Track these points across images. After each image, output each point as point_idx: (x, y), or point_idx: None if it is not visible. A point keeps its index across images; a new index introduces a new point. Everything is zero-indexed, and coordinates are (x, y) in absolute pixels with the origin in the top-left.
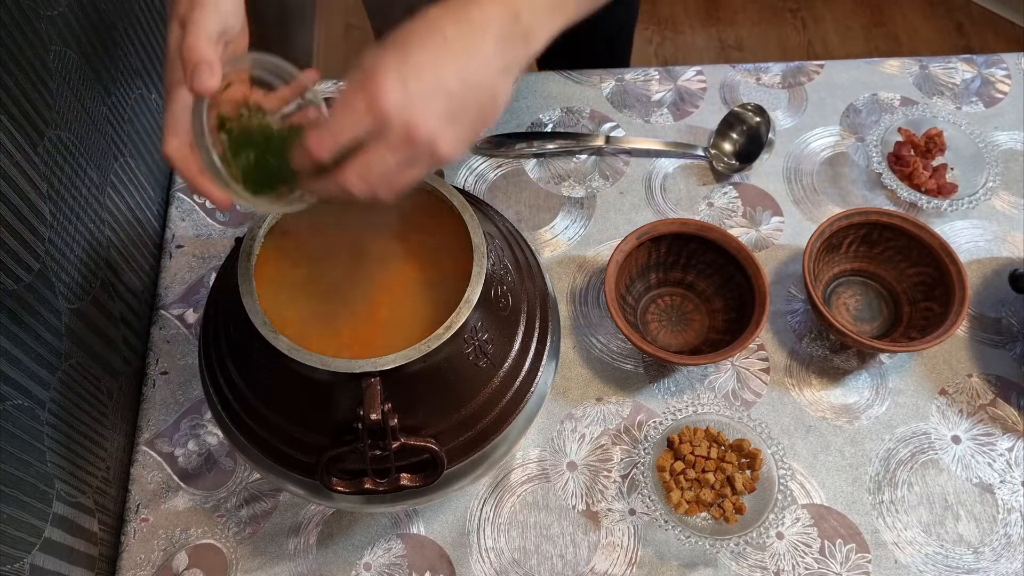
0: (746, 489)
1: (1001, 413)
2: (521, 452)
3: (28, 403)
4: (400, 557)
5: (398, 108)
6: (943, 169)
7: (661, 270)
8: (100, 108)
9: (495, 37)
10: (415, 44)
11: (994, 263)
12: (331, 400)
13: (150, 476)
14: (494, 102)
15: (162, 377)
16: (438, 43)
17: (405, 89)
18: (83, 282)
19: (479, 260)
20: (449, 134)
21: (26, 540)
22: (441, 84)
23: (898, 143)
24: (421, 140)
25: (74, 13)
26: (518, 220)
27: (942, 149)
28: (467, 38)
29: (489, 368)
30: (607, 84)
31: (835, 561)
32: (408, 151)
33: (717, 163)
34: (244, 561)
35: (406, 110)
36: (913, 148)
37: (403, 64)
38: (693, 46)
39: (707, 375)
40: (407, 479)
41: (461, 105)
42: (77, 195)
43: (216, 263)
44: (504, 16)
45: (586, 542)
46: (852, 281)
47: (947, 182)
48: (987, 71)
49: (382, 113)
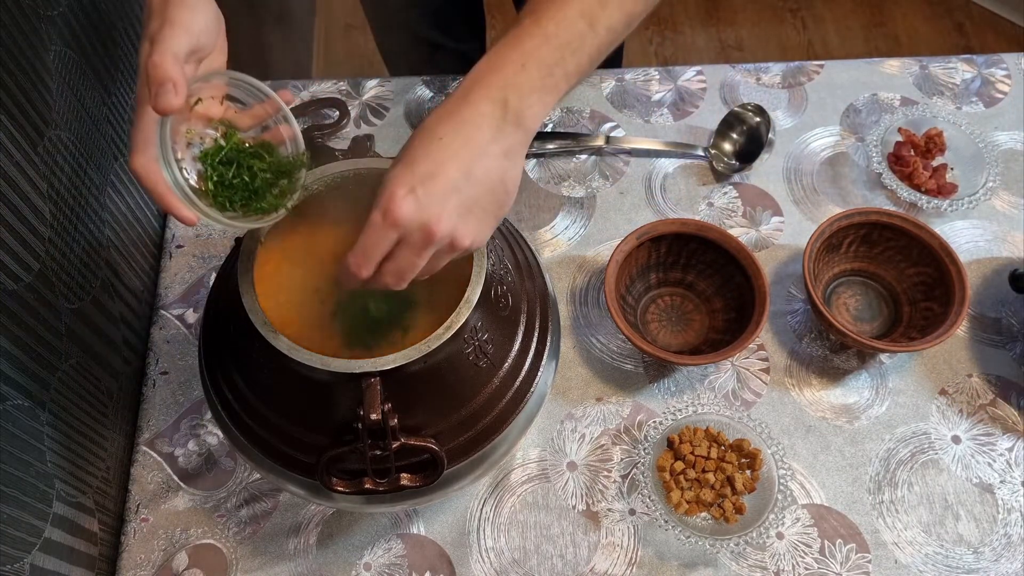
0: (746, 489)
1: (1001, 413)
2: (521, 452)
3: (28, 403)
4: (400, 557)
5: (413, 216)
6: (943, 169)
7: (661, 270)
8: (100, 108)
9: (489, 128)
10: (419, 154)
11: (994, 263)
12: (331, 400)
13: (150, 476)
14: (504, 186)
15: (162, 377)
16: (437, 147)
17: (416, 198)
18: (83, 282)
19: (479, 260)
20: (467, 225)
21: (26, 540)
22: (448, 184)
23: (898, 143)
24: (441, 237)
25: (74, 13)
26: (518, 220)
27: (942, 149)
28: (462, 136)
29: (489, 368)
30: (607, 84)
31: (835, 561)
32: (431, 248)
33: (717, 163)
34: (244, 561)
35: (420, 216)
36: (913, 148)
37: (411, 176)
38: (693, 46)
39: (707, 375)
40: (407, 479)
41: (472, 197)
42: (77, 195)
43: (216, 263)
44: (494, 108)
45: (586, 542)
46: (852, 281)
47: (947, 182)
48: (987, 71)
49: (400, 224)
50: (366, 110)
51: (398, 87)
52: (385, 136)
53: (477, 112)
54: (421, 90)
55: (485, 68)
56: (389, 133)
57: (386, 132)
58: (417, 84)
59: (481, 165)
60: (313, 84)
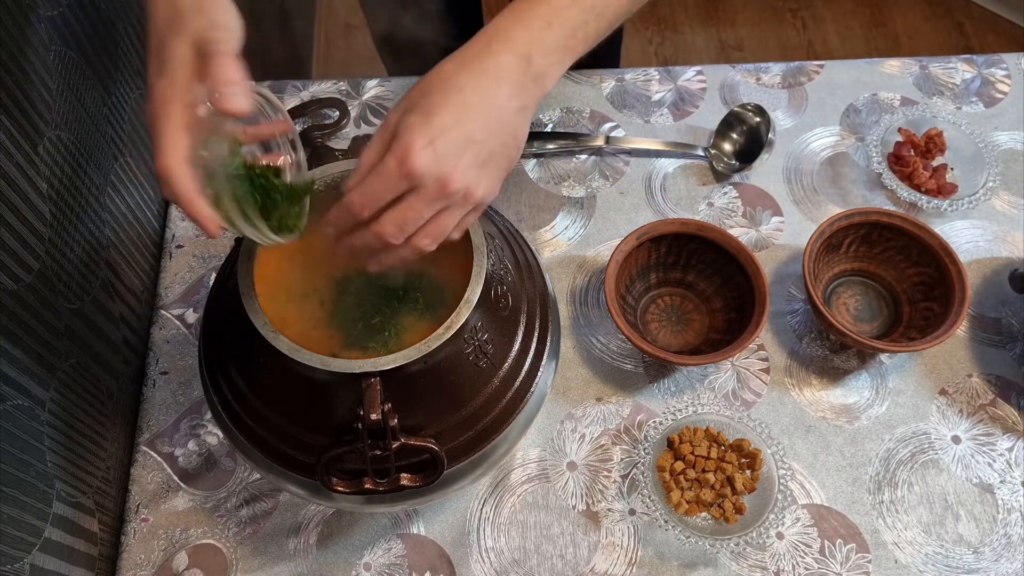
0: (746, 489)
1: (1001, 413)
2: (521, 452)
3: (28, 403)
4: (400, 557)
5: (430, 168)
6: (943, 169)
7: (661, 270)
8: (100, 108)
9: (510, 83)
10: (437, 103)
11: (994, 263)
12: (331, 400)
13: (150, 476)
14: (515, 141)
15: (162, 377)
16: (458, 99)
17: (434, 150)
18: (83, 282)
19: (479, 260)
20: (482, 180)
21: (26, 540)
22: (467, 137)
23: (898, 143)
24: (455, 191)
25: (74, 13)
26: (518, 220)
27: (942, 149)
28: (485, 89)
29: (489, 368)
30: (607, 84)
31: (835, 561)
32: (443, 202)
33: (717, 163)
34: (244, 561)
35: (437, 168)
36: (913, 148)
37: (429, 126)
38: (693, 46)
39: (707, 375)
40: (407, 479)
41: (487, 151)
42: (77, 195)
43: (216, 263)
44: (517, 62)
45: (586, 542)
46: (852, 281)
47: (947, 182)
48: (987, 71)
49: (415, 175)
50: (366, 110)
51: (398, 87)
52: None
53: (498, 64)
54: None
55: (509, 20)
56: None
57: None
58: None
59: (499, 120)
60: (313, 84)
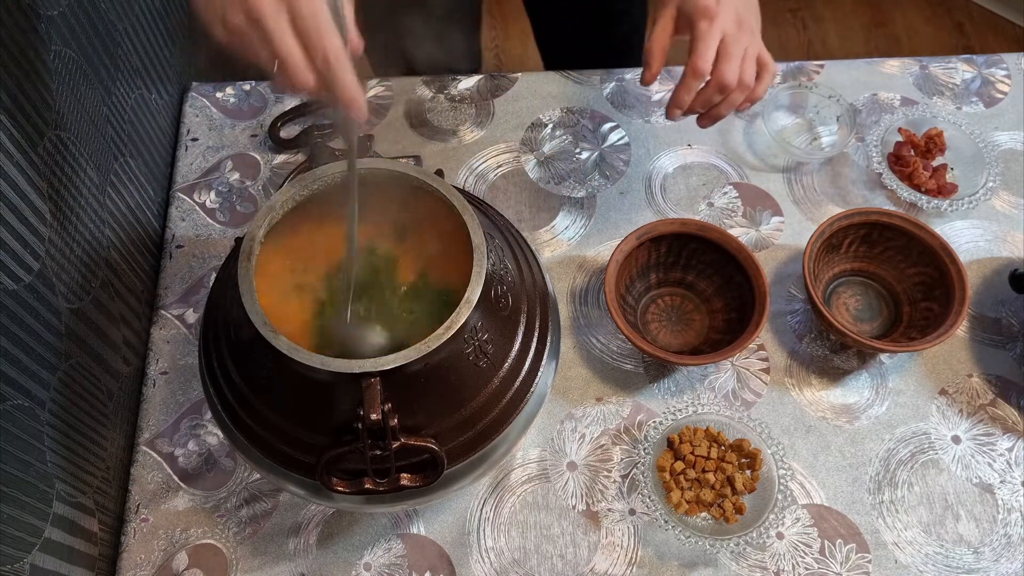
0: (746, 489)
1: (1001, 413)
2: (521, 452)
3: (28, 403)
4: (400, 557)
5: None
6: (943, 169)
7: (661, 270)
8: (100, 108)
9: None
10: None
11: (994, 263)
12: (331, 400)
13: (150, 476)
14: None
15: (162, 377)
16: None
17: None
18: (83, 282)
19: (479, 260)
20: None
21: (26, 540)
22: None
23: (898, 143)
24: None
25: (74, 13)
26: (518, 220)
27: (942, 149)
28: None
29: (489, 368)
30: (607, 84)
31: (835, 561)
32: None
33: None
34: (244, 561)
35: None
36: (913, 148)
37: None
38: None
39: (707, 375)
40: (407, 479)
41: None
42: (77, 195)
43: (216, 263)
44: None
45: (586, 542)
46: (852, 281)
47: (947, 182)
48: (987, 71)
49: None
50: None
51: (398, 87)
52: (385, 136)
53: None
54: (421, 90)
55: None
56: (389, 133)
57: (386, 132)
58: (417, 84)
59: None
60: None
